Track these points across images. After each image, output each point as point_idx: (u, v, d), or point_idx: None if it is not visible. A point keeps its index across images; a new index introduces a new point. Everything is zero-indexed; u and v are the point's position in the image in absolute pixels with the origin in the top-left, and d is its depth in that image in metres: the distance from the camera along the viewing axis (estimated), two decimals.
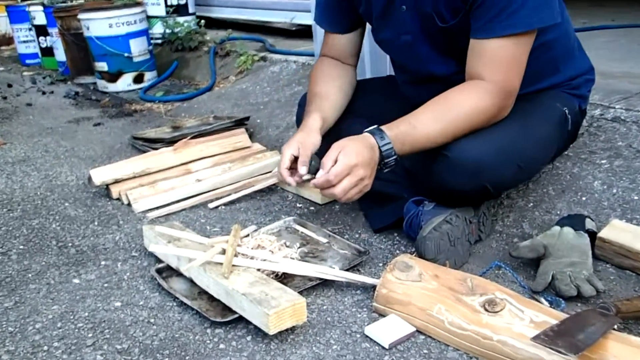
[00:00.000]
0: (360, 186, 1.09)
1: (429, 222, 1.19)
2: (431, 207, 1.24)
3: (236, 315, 1.05)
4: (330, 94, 1.29)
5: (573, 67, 1.28)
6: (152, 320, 1.09)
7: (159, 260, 1.24)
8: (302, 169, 1.19)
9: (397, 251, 1.28)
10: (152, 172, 1.62)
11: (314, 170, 1.69)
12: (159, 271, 1.20)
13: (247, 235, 1.24)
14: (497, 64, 1.09)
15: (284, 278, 1.16)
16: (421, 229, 1.19)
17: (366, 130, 1.12)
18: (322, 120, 1.25)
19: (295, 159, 1.22)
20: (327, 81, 1.31)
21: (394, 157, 1.11)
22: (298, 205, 1.52)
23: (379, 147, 1.10)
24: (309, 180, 1.31)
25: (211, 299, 1.11)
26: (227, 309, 1.07)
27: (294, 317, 1.00)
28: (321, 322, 1.07)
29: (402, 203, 1.29)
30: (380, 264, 1.24)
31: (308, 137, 1.21)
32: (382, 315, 1.07)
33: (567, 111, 1.24)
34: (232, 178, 1.64)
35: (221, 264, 1.11)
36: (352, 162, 1.08)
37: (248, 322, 1.04)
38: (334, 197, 1.10)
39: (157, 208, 1.52)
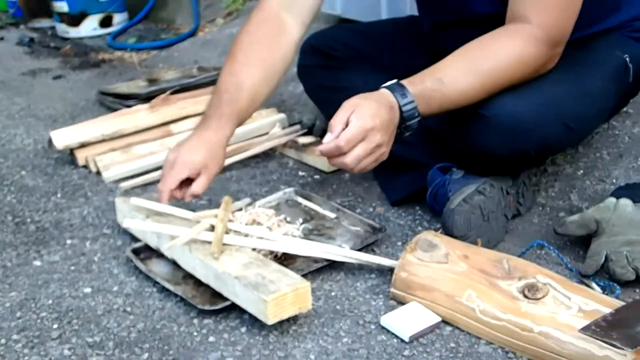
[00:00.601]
0: (377, 154, 1.06)
1: (458, 192, 1.19)
2: (460, 175, 1.24)
3: (228, 303, 1.06)
4: (252, 84, 1.21)
5: (638, 2, 1.25)
6: (128, 309, 1.10)
7: (136, 239, 1.25)
8: (187, 198, 1.15)
9: (419, 227, 1.28)
10: (125, 134, 1.62)
11: (319, 133, 1.70)
12: (135, 251, 1.21)
13: (240, 209, 1.24)
14: (545, 3, 1.08)
15: (284, 259, 1.17)
16: (448, 200, 1.19)
17: (383, 85, 1.10)
18: (234, 126, 1.20)
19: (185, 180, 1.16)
20: (252, 62, 1.21)
21: (417, 118, 1.09)
22: (300, 173, 1.52)
23: (400, 107, 1.07)
24: (306, 145, 1.29)
25: (198, 283, 1.12)
26: (217, 295, 1.08)
27: (296, 304, 1.01)
28: (329, 310, 1.08)
29: (425, 170, 1.29)
30: (399, 243, 1.24)
31: (214, 161, 1.17)
32: (401, 302, 1.08)
33: (628, 59, 1.22)
34: None
35: (209, 242, 1.11)
36: (368, 125, 1.04)
37: (242, 311, 1.05)
38: (344, 167, 1.07)
39: (132, 177, 1.52)
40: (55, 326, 1.07)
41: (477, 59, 1.10)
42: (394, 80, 1.10)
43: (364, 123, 1.05)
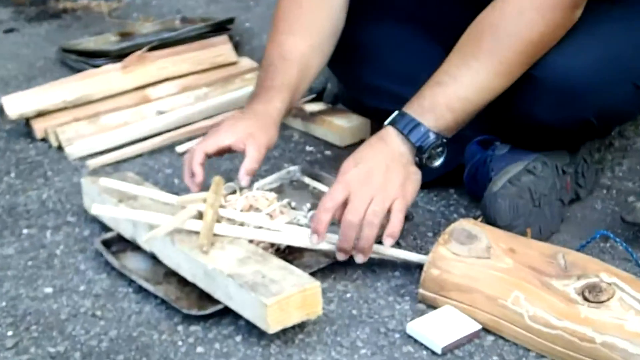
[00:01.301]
0: (378, 200, 1.09)
1: (503, 172, 1.19)
2: (505, 151, 1.24)
3: (219, 307, 1.06)
4: (300, 54, 1.27)
5: None
6: (98, 313, 1.10)
7: (106, 228, 1.25)
8: (244, 180, 1.20)
9: (455, 215, 1.28)
10: (92, 100, 1.62)
11: (330, 99, 1.69)
12: (106, 243, 1.21)
13: (234, 192, 1.24)
14: None
15: (288, 254, 1.17)
16: (491, 182, 1.19)
17: (386, 123, 1.15)
18: (286, 100, 1.26)
19: (226, 152, 1.23)
20: (296, 30, 1.28)
21: (438, 141, 1.13)
22: (308, 148, 1.52)
23: (407, 139, 1.13)
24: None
25: (183, 282, 1.12)
26: (206, 298, 1.08)
27: (303, 308, 1.01)
28: (343, 316, 1.08)
29: (461, 145, 1.29)
30: (430, 234, 1.24)
31: (262, 131, 1.22)
32: (432, 306, 1.08)
33: None
34: (210, 109, 1.63)
35: (197, 232, 1.11)
36: (343, 172, 1.12)
37: (237, 316, 1.06)
38: (346, 245, 1.10)
39: (102, 153, 1.52)
40: (10, 333, 1.07)
41: (487, 43, 1.12)
42: (395, 112, 1.15)
43: (342, 171, 1.12)
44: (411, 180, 1.12)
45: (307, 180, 1.38)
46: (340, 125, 1.53)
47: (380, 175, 1.10)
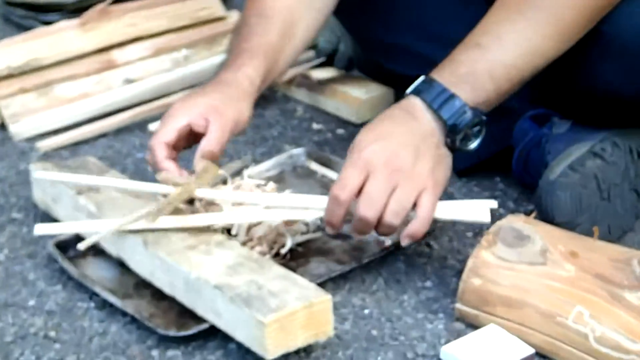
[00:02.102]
0: (402, 192, 1.07)
1: (562, 155, 1.19)
2: (565, 128, 1.25)
3: (204, 326, 1.06)
4: (285, 6, 1.28)
5: None
6: (52, 334, 1.10)
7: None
8: (199, 165, 1.18)
9: (501, 209, 1.28)
10: (43, 66, 1.62)
11: (343, 63, 1.69)
12: (61, 246, 1.21)
13: (225, 183, 1.24)
14: None
15: (291, 259, 1.17)
16: (547, 168, 1.19)
17: (408, 91, 1.13)
18: (262, 66, 1.25)
19: (192, 136, 1.20)
20: None
21: (476, 118, 1.11)
22: (315, 125, 1.53)
23: (438, 115, 1.10)
24: None
25: (159, 296, 1.12)
26: (187, 315, 1.08)
27: (310, 328, 1.01)
28: (361, 337, 1.08)
29: (509, 121, 1.29)
30: (469, 234, 1.25)
31: (229, 104, 1.20)
32: (473, 325, 1.08)
33: None
34: (191, 77, 1.64)
35: (175, 230, 1.12)
36: (360, 147, 1.09)
37: (226, 338, 1.06)
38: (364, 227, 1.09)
39: (56, 132, 1.53)
40: None
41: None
42: (421, 78, 1.13)
43: (354, 148, 1.10)
44: (442, 166, 1.11)
45: (314, 166, 1.38)
46: (356, 97, 1.53)
47: (409, 158, 1.08)
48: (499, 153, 1.32)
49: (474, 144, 1.14)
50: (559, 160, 1.18)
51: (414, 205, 1.07)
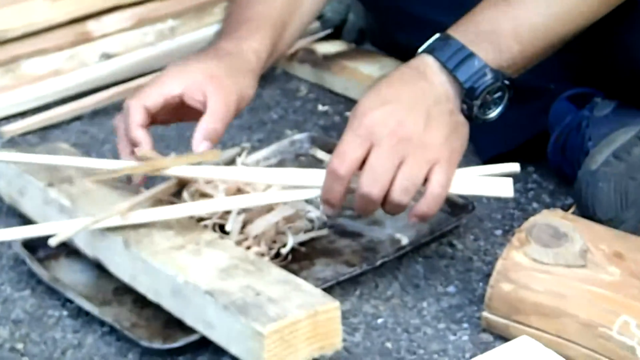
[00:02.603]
0: (411, 164, 1.05)
1: (605, 141, 1.20)
2: (608, 110, 1.25)
3: (194, 338, 1.07)
4: None
5: None
6: (19, 347, 1.11)
7: (29, 223, 1.24)
8: (201, 145, 1.15)
9: (535, 204, 1.29)
10: (8, 39, 1.62)
11: (353, 36, 1.68)
12: (30, 246, 1.22)
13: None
14: None
15: (292, 260, 1.18)
16: (588, 156, 1.19)
17: (421, 50, 1.13)
18: (268, 37, 1.24)
19: (179, 111, 1.18)
20: None
21: (497, 82, 1.10)
22: (320, 107, 1.53)
23: (453, 76, 1.09)
24: None
25: (141, 303, 1.13)
26: (174, 325, 1.09)
27: (316, 340, 1.02)
28: (373, 351, 1.08)
29: (543, 102, 1.30)
30: (498, 232, 1.25)
31: (232, 76, 1.18)
32: (502, 337, 1.08)
33: None
34: (178, 51, 1.64)
35: (164, 225, 1.13)
36: (362, 113, 1.07)
37: (219, 352, 1.06)
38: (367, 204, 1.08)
39: (23, 115, 1.54)
40: None
41: None
42: (436, 35, 1.12)
43: (355, 112, 1.08)
44: (458, 135, 1.09)
45: (319, 154, 1.38)
46: (368, 75, 1.53)
47: (419, 125, 1.06)
48: (533, 139, 1.32)
49: (494, 113, 1.13)
50: (601, 147, 1.19)
51: (426, 180, 1.06)
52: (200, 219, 1.19)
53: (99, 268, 1.17)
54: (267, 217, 1.17)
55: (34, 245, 1.21)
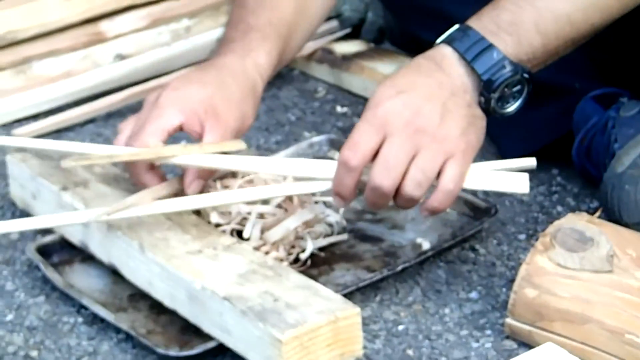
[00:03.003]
0: (426, 157, 1.05)
1: (632, 142, 1.19)
2: (636, 111, 1.24)
3: (211, 345, 1.06)
4: None
5: None
6: (33, 354, 1.11)
7: (44, 229, 1.25)
8: (191, 187, 1.15)
9: (559, 207, 1.28)
10: (20, 40, 1.62)
11: (373, 35, 1.68)
12: (44, 251, 1.22)
13: (234, 176, 1.25)
14: None
15: (311, 265, 1.18)
16: (614, 157, 1.19)
17: (439, 40, 1.12)
18: (275, 48, 1.23)
19: None
20: None
21: (517, 75, 1.10)
22: (339, 108, 1.53)
23: (471, 67, 1.09)
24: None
25: (158, 309, 1.13)
26: (191, 331, 1.09)
27: (336, 347, 1.01)
28: (394, 358, 1.08)
29: (568, 101, 1.29)
30: (522, 236, 1.25)
31: (231, 105, 1.17)
32: (526, 344, 1.08)
33: None
34: (194, 52, 1.65)
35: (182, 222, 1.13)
36: (377, 103, 1.07)
37: (237, 358, 1.05)
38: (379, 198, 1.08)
39: (35, 117, 1.54)
40: None
41: None
42: (455, 26, 1.11)
43: (370, 106, 1.08)
44: (475, 128, 1.08)
45: (338, 157, 1.37)
46: (388, 75, 1.52)
47: (435, 116, 1.06)
48: (557, 140, 1.31)
49: (512, 107, 1.13)
50: (628, 148, 1.18)
51: (439, 174, 1.06)
52: (218, 225, 1.19)
53: (114, 274, 1.17)
54: (286, 223, 1.17)
55: (48, 251, 1.22)
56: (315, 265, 1.18)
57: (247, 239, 1.16)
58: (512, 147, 1.35)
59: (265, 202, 1.21)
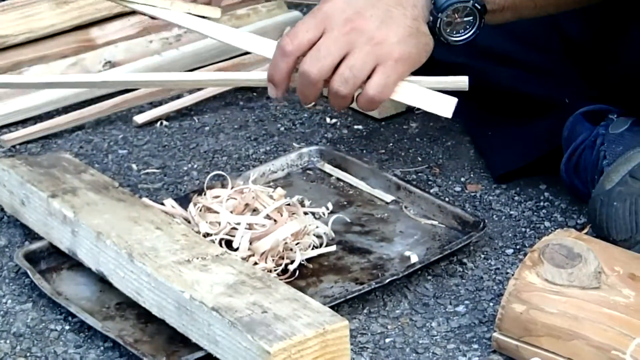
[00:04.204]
0: (357, 56, 1.08)
1: (621, 160, 1.19)
2: (625, 127, 1.24)
3: (199, 355, 1.06)
4: None
5: None
6: None
7: (32, 235, 1.26)
8: None
9: (547, 223, 1.28)
10: (9, 45, 1.62)
11: None
12: (31, 258, 1.22)
13: (223, 186, 1.25)
14: None
15: (298, 276, 1.18)
16: (603, 175, 1.19)
17: None
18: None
19: None
20: None
21: (467, 1, 1.10)
22: (329, 120, 1.52)
23: None
24: None
25: (145, 318, 1.13)
26: (179, 341, 1.09)
27: (323, 359, 1.01)
28: None
29: (557, 117, 1.29)
30: (509, 251, 1.25)
31: None
32: (512, 359, 1.08)
33: None
34: (183, 60, 1.64)
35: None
36: (326, 1, 1.11)
37: None
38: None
39: (24, 122, 1.53)
40: None
41: None
42: None
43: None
44: (417, 41, 1.10)
45: (327, 168, 1.38)
46: None
47: (375, 20, 1.08)
48: (545, 156, 1.31)
49: (462, 37, 1.14)
50: (617, 165, 1.18)
51: (368, 78, 1.09)
52: (207, 234, 1.19)
53: (102, 281, 1.17)
54: (275, 234, 1.17)
55: (36, 258, 1.22)
56: (303, 277, 1.18)
57: (236, 250, 1.17)
58: (500, 161, 1.35)
59: (254, 210, 1.21)
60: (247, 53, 1.62)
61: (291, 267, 1.18)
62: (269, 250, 1.17)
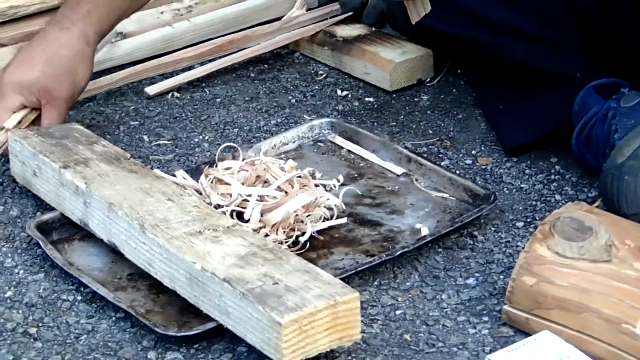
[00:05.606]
0: None
1: (632, 133, 1.19)
2: (636, 102, 1.24)
3: (211, 325, 1.07)
4: None
5: None
6: (32, 331, 1.11)
7: (44, 206, 1.26)
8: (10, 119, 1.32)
9: (558, 196, 1.28)
10: (21, 16, 1.61)
11: (373, 18, 1.67)
12: (44, 228, 1.22)
13: (234, 158, 1.25)
14: None
15: (309, 248, 1.18)
16: (614, 148, 1.19)
17: None
18: (107, 16, 1.38)
19: None
20: None
21: None
22: (340, 92, 1.52)
23: None
24: None
25: (157, 289, 1.13)
26: (190, 312, 1.09)
27: (334, 331, 1.02)
28: (392, 343, 1.08)
29: (568, 91, 1.29)
30: (520, 224, 1.25)
31: (62, 79, 1.34)
32: (523, 332, 1.08)
33: None
34: (195, 31, 1.65)
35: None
36: None
37: (236, 340, 1.06)
38: None
39: None
40: None
41: None
42: None
43: None
44: None
45: (338, 140, 1.38)
46: (389, 60, 1.53)
47: None
48: (557, 129, 1.31)
49: None
50: (628, 139, 1.18)
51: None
52: (218, 206, 1.19)
53: (114, 252, 1.18)
54: (286, 206, 1.18)
55: (48, 228, 1.22)
56: (314, 249, 1.18)
57: (247, 221, 1.17)
58: (511, 134, 1.35)
59: (266, 182, 1.21)
60: (256, 25, 1.63)
61: (302, 239, 1.18)
62: (280, 222, 1.17)
